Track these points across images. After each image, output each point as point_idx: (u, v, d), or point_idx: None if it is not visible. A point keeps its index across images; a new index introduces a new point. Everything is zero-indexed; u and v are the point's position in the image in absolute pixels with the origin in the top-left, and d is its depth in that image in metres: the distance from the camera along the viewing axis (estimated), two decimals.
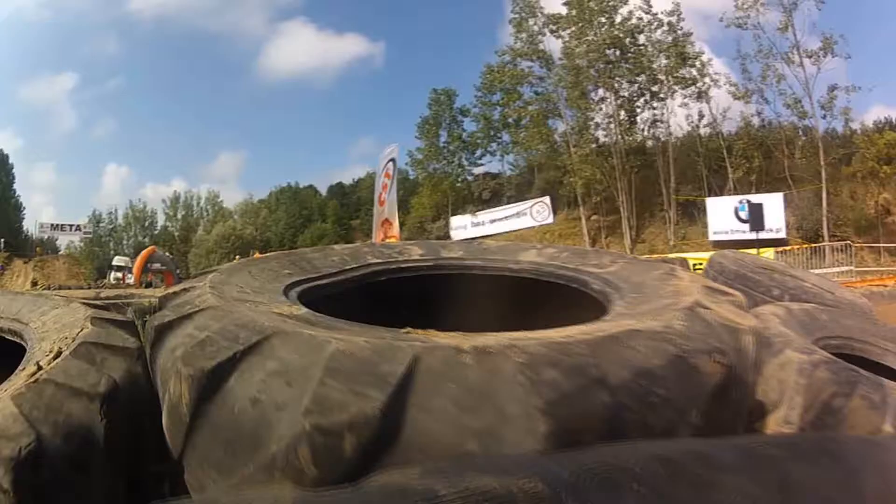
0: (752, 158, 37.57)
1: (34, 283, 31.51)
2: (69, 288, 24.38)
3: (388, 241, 33.86)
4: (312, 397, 1.43)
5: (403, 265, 3.57)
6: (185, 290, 2.36)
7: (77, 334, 2.50)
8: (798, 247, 31.43)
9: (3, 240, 56.08)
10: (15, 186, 64.17)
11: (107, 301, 7.93)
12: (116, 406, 2.15)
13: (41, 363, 2.27)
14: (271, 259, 3.17)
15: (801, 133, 38.86)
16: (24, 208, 65.74)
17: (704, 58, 40.11)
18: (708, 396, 1.50)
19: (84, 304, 3.03)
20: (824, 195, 34.89)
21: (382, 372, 1.45)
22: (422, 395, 1.42)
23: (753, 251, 22.99)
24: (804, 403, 2.50)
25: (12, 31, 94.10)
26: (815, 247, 31.39)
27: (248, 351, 1.62)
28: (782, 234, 33.18)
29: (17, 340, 2.94)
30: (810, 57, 36.82)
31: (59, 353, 2.35)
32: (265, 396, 1.51)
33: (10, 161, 64.05)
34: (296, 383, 1.49)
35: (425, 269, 3.62)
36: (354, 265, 3.35)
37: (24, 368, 2.36)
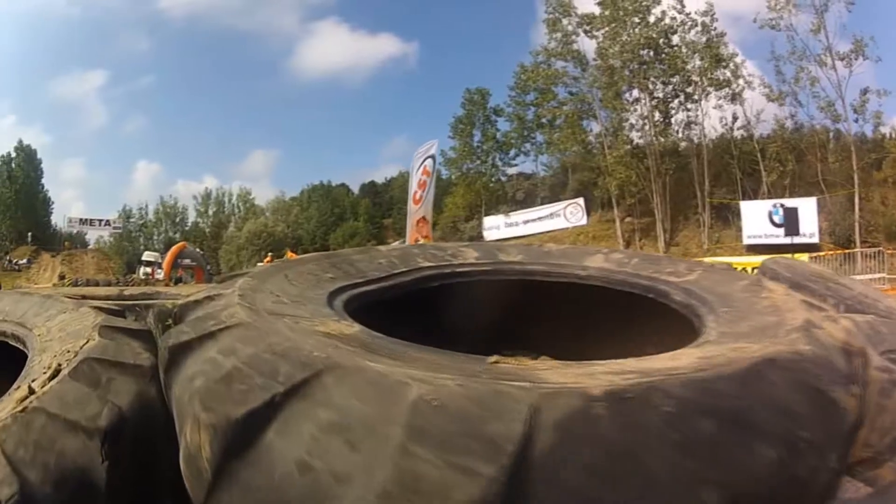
0: (786, 162, 36.95)
1: (62, 277, 31.55)
2: (97, 283, 24.25)
3: (422, 240, 33.74)
4: (394, 472, 1.03)
5: (458, 269, 3.19)
6: (208, 298, 1.93)
7: (81, 348, 2.10)
8: (830, 253, 30.65)
9: (30, 233, 57.06)
10: (43, 181, 65.75)
11: (131, 299, 7.61)
12: (122, 443, 1.74)
13: (34, 385, 1.88)
14: (310, 261, 2.77)
15: (831, 137, 38.19)
16: (53, 203, 67.07)
17: (737, 59, 39.65)
18: (846, 436, 1.32)
19: (95, 308, 2.64)
20: (856, 200, 34.15)
21: (493, 434, 1.04)
22: (547, 465, 1.04)
23: (788, 256, 22.81)
24: (885, 426, 2.26)
25: (40, 27, 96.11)
26: (847, 253, 30.59)
27: (291, 393, 1.19)
28: (815, 240, 32.55)
29: (20, 347, 2.56)
30: (842, 59, 36.15)
31: (56, 372, 1.95)
32: (319, 462, 1.10)
33: (39, 156, 65.50)
34: (364, 447, 1.07)
35: (482, 273, 3.25)
36: (404, 269, 2.97)
37: (18, 387, 1.96)
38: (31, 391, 1.83)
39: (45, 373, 1.96)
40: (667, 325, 2.78)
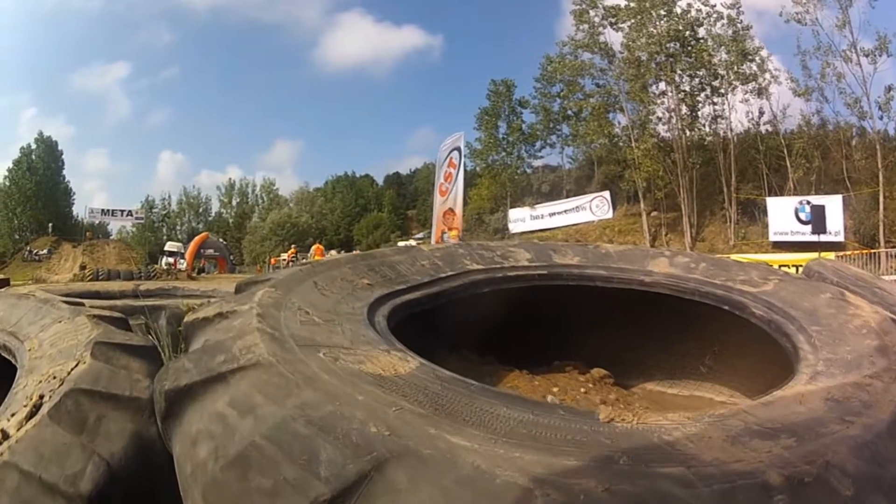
0: (812, 158, 36.28)
1: (83, 267, 31.18)
2: (118, 274, 24.04)
3: (449, 233, 33.73)
4: None
5: (511, 273, 2.88)
6: (220, 315, 1.54)
7: (69, 373, 1.72)
8: (855, 252, 29.90)
9: (51, 224, 57.70)
10: (64, 172, 65.99)
11: (146, 294, 7.24)
12: None
13: (9, 426, 1.54)
14: (343, 264, 2.41)
15: (855, 133, 37.38)
16: (74, 193, 67.25)
17: (763, 53, 38.87)
18: None
19: (94, 318, 2.27)
20: (881, 199, 33.36)
21: None
22: None
23: (815, 255, 22.67)
24: None
25: (61, 20, 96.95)
26: (871, 253, 29.84)
27: (341, 500, 0.78)
28: (840, 238, 31.86)
29: (12, 360, 2.24)
30: (867, 56, 35.32)
31: (38, 406, 1.61)
32: None
33: (60, 147, 65.63)
34: None
35: (537, 278, 2.93)
36: (451, 272, 2.67)
37: None
38: (5, 435, 1.49)
39: (25, 405, 1.62)
40: (730, 336, 2.81)
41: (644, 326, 3.01)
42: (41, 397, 1.63)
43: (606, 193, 42.02)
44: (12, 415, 1.60)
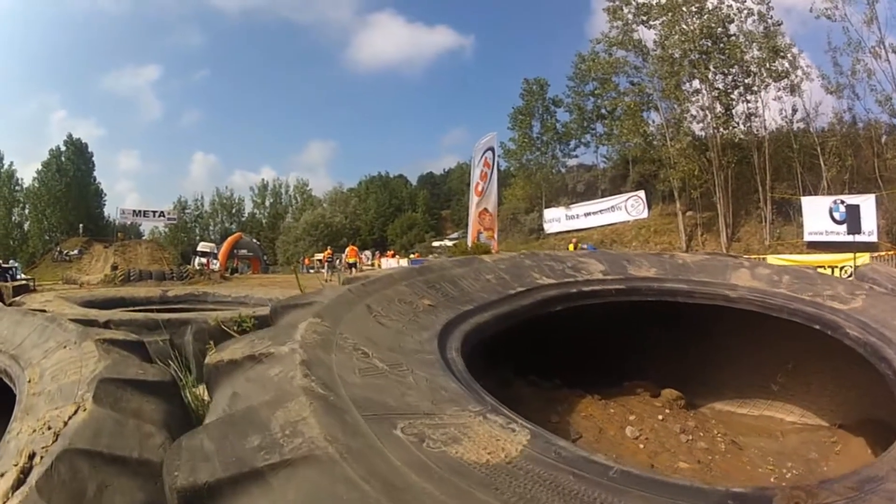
0: (845, 157, 35.62)
1: (114, 268, 31.24)
2: (150, 274, 23.98)
3: (485, 233, 33.69)
4: None
5: (586, 289, 2.57)
6: (251, 357, 1.18)
7: (66, 422, 1.39)
8: (889, 253, 29.08)
9: (81, 225, 58.36)
10: (95, 174, 67.05)
11: (174, 300, 6.98)
12: None
13: None
14: (398, 280, 2.09)
15: (885, 131, 36.55)
16: (105, 195, 68.24)
17: (794, 50, 38.21)
18: None
19: (103, 344, 1.97)
20: None
21: None
22: None
23: (849, 255, 22.94)
24: None
25: (91, 23, 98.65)
26: None
27: None
28: (874, 238, 31.21)
29: (12, 388, 1.97)
30: (895, 52, 34.61)
31: (26, 470, 1.28)
32: None
33: (90, 149, 66.75)
34: None
35: (614, 293, 2.64)
36: (520, 288, 2.36)
37: None
38: None
39: (15, 464, 1.31)
40: (808, 353, 2.61)
41: (717, 342, 2.76)
42: (31, 457, 1.30)
43: (641, 193, 41.80)
44: (1, 475, 1.27)
